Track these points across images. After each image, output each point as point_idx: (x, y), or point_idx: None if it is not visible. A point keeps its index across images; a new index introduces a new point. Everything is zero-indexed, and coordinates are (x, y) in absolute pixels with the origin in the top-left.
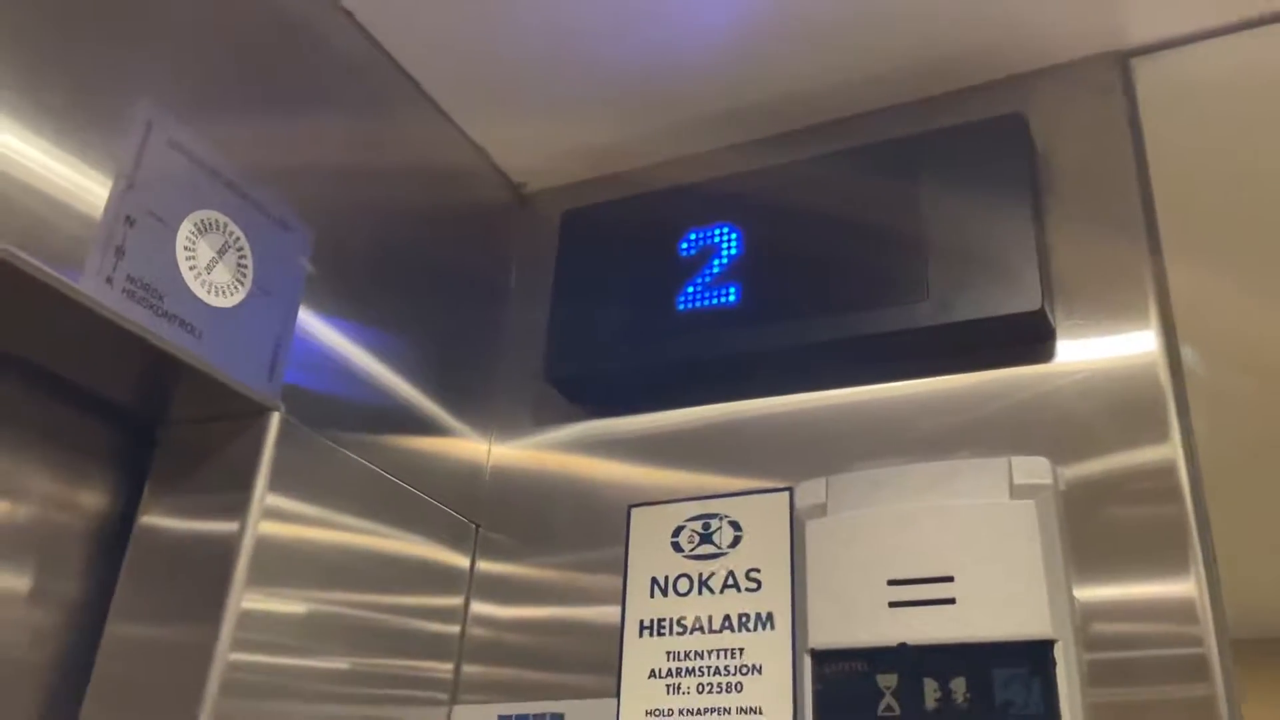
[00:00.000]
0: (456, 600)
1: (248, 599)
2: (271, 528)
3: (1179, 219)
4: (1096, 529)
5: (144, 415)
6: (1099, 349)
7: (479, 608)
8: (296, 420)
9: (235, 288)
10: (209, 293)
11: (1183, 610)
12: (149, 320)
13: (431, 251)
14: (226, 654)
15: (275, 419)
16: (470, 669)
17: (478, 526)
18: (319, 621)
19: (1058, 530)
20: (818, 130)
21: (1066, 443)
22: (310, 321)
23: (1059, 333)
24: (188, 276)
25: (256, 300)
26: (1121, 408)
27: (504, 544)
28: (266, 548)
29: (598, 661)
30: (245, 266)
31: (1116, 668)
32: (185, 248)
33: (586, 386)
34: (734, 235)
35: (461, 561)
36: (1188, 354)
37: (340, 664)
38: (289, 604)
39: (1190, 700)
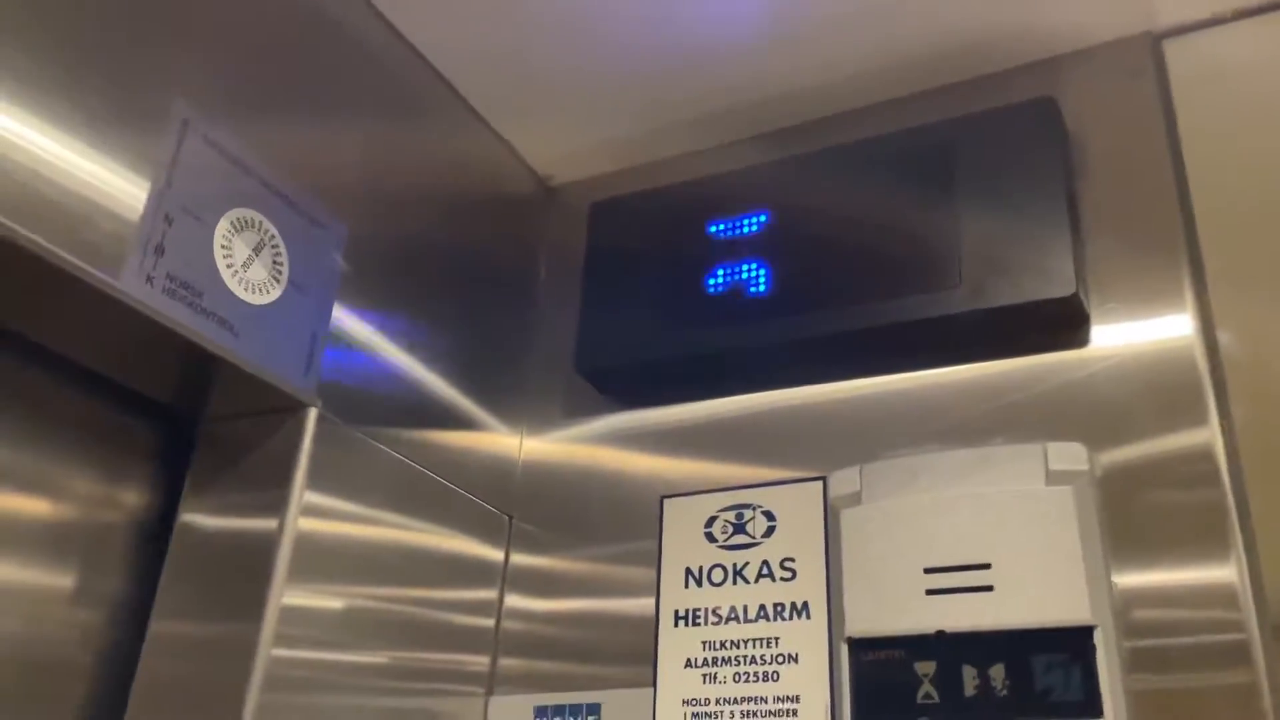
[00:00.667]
0: (491, 593)
1: (288, 595)
2: (310, 524)
3: (1214, 202)
4: (1134, 515)
5: (183, 412)
6: (1134, 334)
7: (513, 601)
8: (333, 416)
9: (271, 285)
10: (246, 290)
11: (1224, 596)
12: (189, 318)
13: (459, 245)
14: (269, 650)
15: (312, 414)
16: (506, 662)
17: (511, 519)
18: (357, 616)
19: (1095, 516)
20: (846, 118)
21: (1102, 429)
22: (343, 317)
23: (1093, 318)
24: (225, 274)
25: (292, 297)
26: (1158, 393)
27: (537, 536)
28: (305, 544)
29: (634, 652)
30: (280, 264)
31: (1157, 654)
32: (222, 246)
33: (617, 378)
34: (763, 224)
35: (495, 555)
36: (1224, 338)
37: (379, 658)
38: (327, 599)
39: (1233, 687)
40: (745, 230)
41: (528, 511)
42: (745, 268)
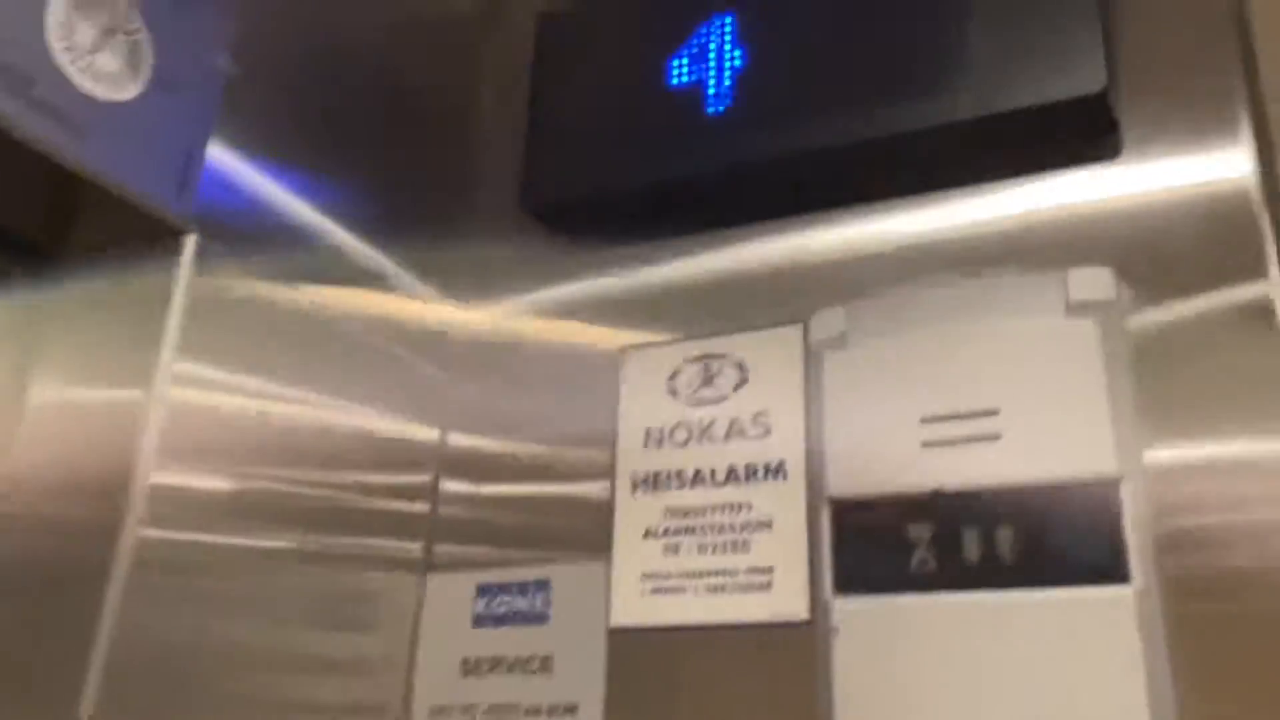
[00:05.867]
0: (424, 477)
1: (159, 474)
2: (186, 394)
3: None
4: (1170, 375)
5: (34, 240)
6: (1177, 147)
7: (451, 485)
8: (216, 247)
9: (128, 78)
10: (93, 82)
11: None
12: (12, 108)
13: (385, 68)
14: (135, 531)
15: (190, 243)
16: (443, 548)
17: (441, 427)
18: (251, 498)
19: (1124, 353)
20: None
21: (1136, 258)
22: (227, 142)
23: (1125, 125)
24: (63, 59)
25: (157, 97)
26: (1204, 223)
27: (475, 411)
28: (180, 415)
29: (585, 537)
30: (141, 54)
31: (1198, 534)
32: (60, 23)
33: (569, 212)
34: (733, 29)
35: (429, 434)
36: None
37: (283, 542)
38: (212, 479)
39: None
40: (713, 38)
41: (463, 382)
42: (713, 81)
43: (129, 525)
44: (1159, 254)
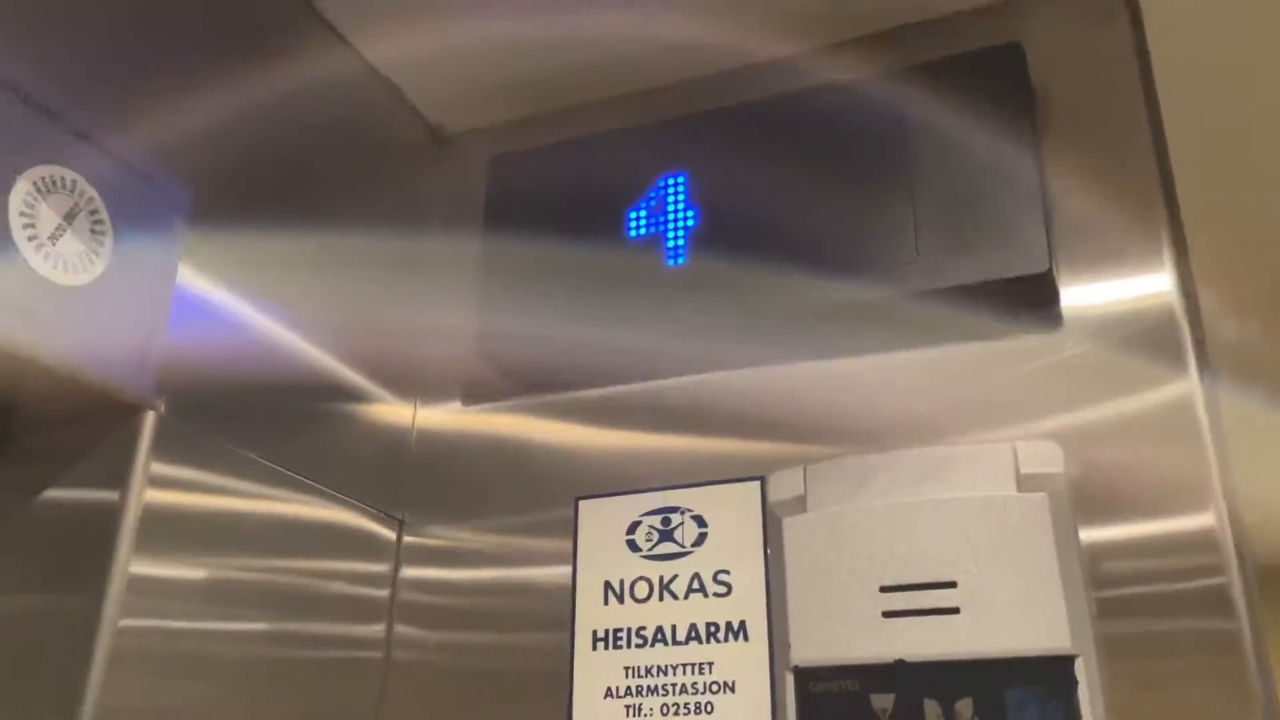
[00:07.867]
0: (384, 566)
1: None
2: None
3: (1195, 162)
4: (1109, 479)
5: None
6: (1110, 308)
7: (410, 572)
8: (178, 419)
9: (89, 260)
10: (55, 268)
11: (1204, 543)
12: None
13: (335, 203)
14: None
15: (149, 419)
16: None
17: (401, 522)
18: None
19: (1072, 524)
20: (781, 66)
21: (1078, 415)
22: (193, 294)
23: (1064, 293)
24: (26, 249)
25: (119, 274)
26: (1136, 368)
27: (432, 540)
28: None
29: (546, 620)
30: (102, 234)
31: (1132, 602)
32: (22, 213)
33: (523, 368)
34: (689, 188)
35: (387, 534)
36: (1205, 298)
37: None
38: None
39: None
40: (669, 195)
41: (420, 510)
42: (668, 238)
43: None
44: (1097, 394)
